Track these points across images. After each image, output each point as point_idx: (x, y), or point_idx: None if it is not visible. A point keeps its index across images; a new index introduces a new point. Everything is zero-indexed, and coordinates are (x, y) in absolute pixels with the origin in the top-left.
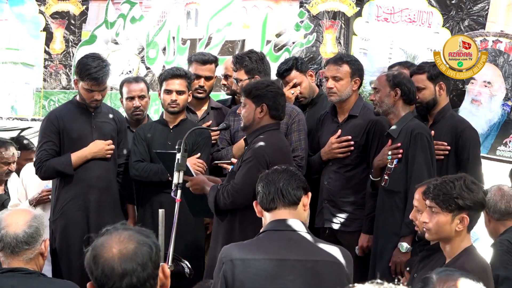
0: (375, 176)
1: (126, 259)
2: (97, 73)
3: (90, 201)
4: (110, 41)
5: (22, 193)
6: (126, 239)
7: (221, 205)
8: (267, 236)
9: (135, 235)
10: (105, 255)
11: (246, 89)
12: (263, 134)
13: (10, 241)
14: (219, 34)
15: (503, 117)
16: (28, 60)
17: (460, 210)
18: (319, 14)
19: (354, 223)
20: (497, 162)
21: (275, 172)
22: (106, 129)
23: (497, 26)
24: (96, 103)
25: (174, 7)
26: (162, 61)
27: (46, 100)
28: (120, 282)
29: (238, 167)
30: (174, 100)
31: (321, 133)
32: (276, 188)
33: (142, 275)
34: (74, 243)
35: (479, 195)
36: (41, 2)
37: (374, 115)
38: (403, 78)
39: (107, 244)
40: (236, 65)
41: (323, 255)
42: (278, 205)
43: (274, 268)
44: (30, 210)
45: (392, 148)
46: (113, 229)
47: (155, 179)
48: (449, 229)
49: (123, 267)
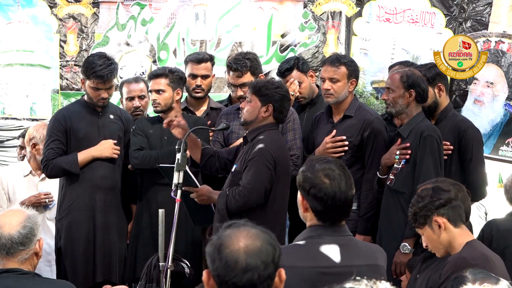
0: (382, 173)
1: (252, 255)
2: (102, 71)
3: (96, 200)
4: (123, 43)
5: (2, 198)
6: (254, 236)
7: (233, 209)
8: (313, 242)
9: (262, 234)
10: (231, 247)
11: (255, 86)
12: (264, 133)
13: (5, 242)
14: (228, 35)
15: (506, 117)
16: (44, 62)
17: (427, 219)
18: (323, 15)
19: (348, 224)
20: (499, 162)
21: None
22: (113, 129)
23: (499, 27)
24: (103, 102)
25: (182, 8)
26: (173, 62)
27: (65, 101)
28: (241, 276)
29: (242, 167)
30: (154, 100)
31: (316, 134)
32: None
33: (263, 274)
34: (79, 242)
35: (429, 196)
36: (53, 5)
37: (369, 116)
38: (417, 78)
39: (234, 237)
40: (239, 70)
41: (366, 258)
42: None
43: (321, 276)
44: (23, 210)
45: (400, 147)
46: (241, 224)
47: (156, 166)
48: (438, 238)
49: (247, 262)
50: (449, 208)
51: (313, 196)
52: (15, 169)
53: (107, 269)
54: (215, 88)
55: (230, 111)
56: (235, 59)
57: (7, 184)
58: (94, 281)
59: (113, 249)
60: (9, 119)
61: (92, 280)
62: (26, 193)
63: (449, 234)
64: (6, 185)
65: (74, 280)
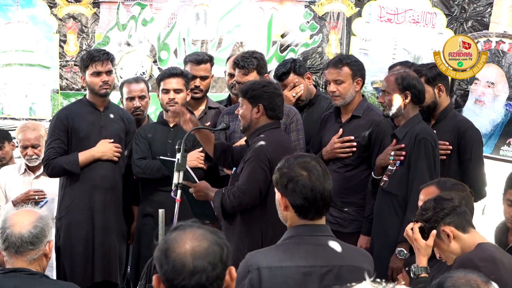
0: (377, 174)
1: (199, 257)
2: (99, 53)
3: (95, 200)
4: (123, 43)
5: (0, 197)
6: (200, 237)
7: (228, 208)
8: (293, 242)
9: (209, 234)
10: (178, 250)
11: (243, 89)
12: (262, 134)
13: (15, 240)
14: (229, 35)
15: (507, 117)
16: (44, 62)
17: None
18: (325, 15)
19: (352, 224)
20: (500, 162)
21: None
22: (114, 129)
23: (500, 27)
24: (105, 88)
25: (183, 9)
26: (174, 62)
27: (65, 101)
28: (189, 279)
29: (241, 169)
30: (172, 99)
31: (324, 133)
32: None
33: (211, 275)
34: (77, 242)
35: (432, 208)
36: (52, 5)
37: (377, 117)
38: (412, 79)
39: (180, 240)
40: (245, 68)
41: (347, 259)
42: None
43: (302, 276)
44: (36, 210)
45: (395, 148)
46: (187, 225)
47: (158, 175)
48: (449, 248)
49: (194, 264)
50: (455, 215)
51: (291, 190)
52: (12, 167)
53: (106, 269)
54: (217, 88)
55: (231, 110)
56: (242, 57)
57: (4, 182)
58: (93, 281)
59: (112, 249)
60: (8, 119)
61: (91, 280)
62: (20, 191)
63: (460, 241)
64: (3, 183)
65: (73, 279)
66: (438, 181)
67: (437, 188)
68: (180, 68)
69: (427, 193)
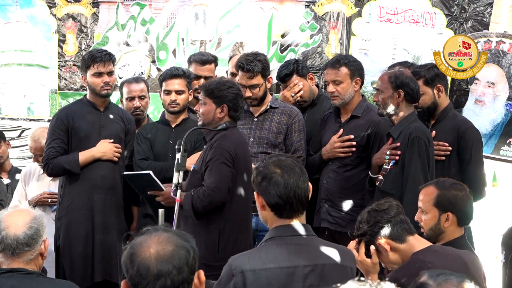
0: (373, 173)
1: (163, 261)
2: (101, 54)
3: (95, 200)
4: (122, 43)
5: (22, 194)
6: (165, 241)
7: (199, 208)
8: (275, 243)
9: (174, 237)
10: (142, 254)
11: (208, 88)
12: (221, 132)
13: (10, 242)
14: (229, 35)
15: (507, 117)
16: (43, 62)
17: (371, 244)
18: (325, 15)
19: (351, 224)
20: (500, 162)
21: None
22: (114, 129)
23: (500, 27)
24: (107, 89)
25: (182, 8)
26: (172, 62)
27: (63, 101)
28: (154, 283)
29: (202, 167)
30: (173, 100)
31: (323, 133)
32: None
33: (177, 278)
34: (77, 241)
35: (365, 221)
36: (52, 5)
37: (377, 117)
38: (406, 78)
39: (145, 244)
40: (250, 72)
41: (329, 258)
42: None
43: (286, 277)
44: (30, 210)
45: (391, 147)
46: (153, 229)
47: (160, 177)
48: (388, 258)
49: (158, 268)
50: (390, 227)
51: (265, 188)
52: (35, 165)
53: (106, 269)
54: None
55: None
56: (246, 59)
57: (25, 182)
58: (93, 280)
59: (112, 249)
60: (6, 119)
61: (91, 280)
62: (37, 191)
63: (398, 252)
64: (25, 182)
65: (73, 279)
66: (437, 181)
67: (436, 188)
68: (182, 68)
69: (426, 193)
